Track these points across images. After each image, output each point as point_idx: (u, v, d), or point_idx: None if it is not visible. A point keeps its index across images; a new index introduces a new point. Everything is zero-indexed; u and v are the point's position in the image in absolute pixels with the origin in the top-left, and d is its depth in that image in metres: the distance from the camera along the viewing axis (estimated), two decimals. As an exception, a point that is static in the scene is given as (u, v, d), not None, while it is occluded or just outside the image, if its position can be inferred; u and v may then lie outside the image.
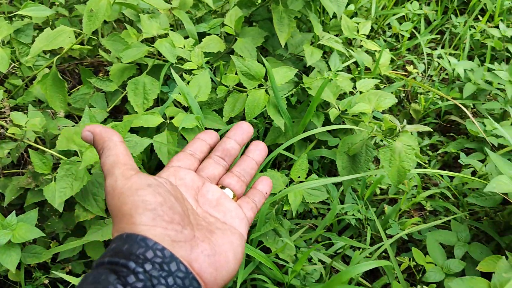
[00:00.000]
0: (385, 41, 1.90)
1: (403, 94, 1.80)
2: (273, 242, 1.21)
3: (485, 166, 1.30)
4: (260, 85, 1.24)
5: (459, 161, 1.43)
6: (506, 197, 1.06)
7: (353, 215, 1.41)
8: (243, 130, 0.56)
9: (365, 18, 1.77)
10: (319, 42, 1.39)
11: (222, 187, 0.52)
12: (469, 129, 1.49)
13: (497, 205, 1.17)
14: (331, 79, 1.32)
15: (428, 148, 1.68)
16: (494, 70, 1.46)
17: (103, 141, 0.45)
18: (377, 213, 1.48)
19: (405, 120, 0.93)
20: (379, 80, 1.31)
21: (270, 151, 1.52)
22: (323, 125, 1.31)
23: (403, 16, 2.05)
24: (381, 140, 1.29)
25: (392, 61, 1.92)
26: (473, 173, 1.46)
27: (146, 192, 0.40)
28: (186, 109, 1.24)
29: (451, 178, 1.48)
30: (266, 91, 1.22)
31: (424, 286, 1.16)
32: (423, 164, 1.54)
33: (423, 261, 1.18)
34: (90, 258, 1.16)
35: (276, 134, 1.39)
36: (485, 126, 1.45)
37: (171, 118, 1.18)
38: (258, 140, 0.57)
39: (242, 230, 0.47)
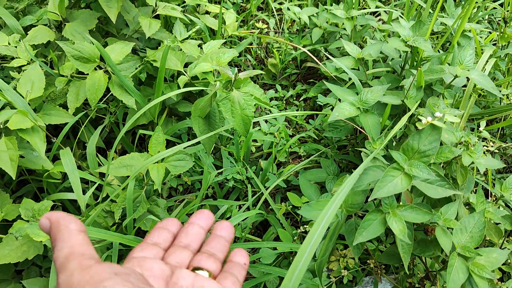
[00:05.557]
0: (233, 3, 1.90)
1: (263, 52, 1.83)
2: (152, 225, 1.17)
3: (339, 100, 1.37)
4: (99, 67, 1.16)
5: (317, 102, 1.49)
6: (354, 125, 1.12)
7: (232, 177, 1.42)
8: (206, 216, 0.52)
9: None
10: (157, 13, 1.34)
11: (195, 269, 0.45)
12: (323, 71, 1.56)
13: (351, 133, 1.23)
14: (174, 48, 1.29)
15: (294, 98, 1.74)
16: (332, 10, 1.52)
17: (58, 231, 0.38)
18: (257, 170, 1.50)
19: (234, 70, 0.93)
20: (223, 40, 1.30)
21: (133, 133, 1.47)
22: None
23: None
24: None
25: (245, 21, 1.94)
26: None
27: (113, 282, 0.33)
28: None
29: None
30: (107, 71, 1.15)
31: (305, 226, 1.20)
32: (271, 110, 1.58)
33: (299, 202, 1.22)
34: None
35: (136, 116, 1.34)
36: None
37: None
38: (222, 220, 0.53)
39: None
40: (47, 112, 1.18)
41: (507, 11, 1.23)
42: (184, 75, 1.22)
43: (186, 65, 1.33)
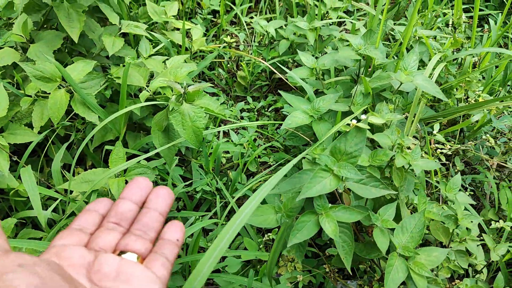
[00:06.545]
0: (204, 19, 1.94)
1: (234, 66, 1.86)
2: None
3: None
4: (62, 86, 1.20)
5: (282, 112, 1.52)
6: (302, 134, 1.14)
7: (202, 189, 1.44)
8: (141, 185, 0.47)
9: None
10: (122, 31, 1.37)
11: (121, 253, 0.42)
12: (290, 82, 1.59)
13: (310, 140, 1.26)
14: (139, 64, 1.32)
15: (266, 109, 1.77)
16: (296, 22, 1.56)
17: None
18: (228, 181, 1.53)
19: (183, 84, 0.96)
20: (187, 56, 1.34)
21: (105, 150, 1.49)
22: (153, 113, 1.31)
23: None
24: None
25: (217, 36, 1.98)
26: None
27: (16, 276, 0.30)
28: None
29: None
30: (70, 90, 1.19)
31: (269, 234, 1.22)
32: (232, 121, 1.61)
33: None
34: None
35: (103, 132, 1.37)
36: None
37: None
38: (160, 186, 0.48)
39: None
40: (12, 132, 1.21)
41: (458, 18, 1.28)
42: (146, 90, 1.26)
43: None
